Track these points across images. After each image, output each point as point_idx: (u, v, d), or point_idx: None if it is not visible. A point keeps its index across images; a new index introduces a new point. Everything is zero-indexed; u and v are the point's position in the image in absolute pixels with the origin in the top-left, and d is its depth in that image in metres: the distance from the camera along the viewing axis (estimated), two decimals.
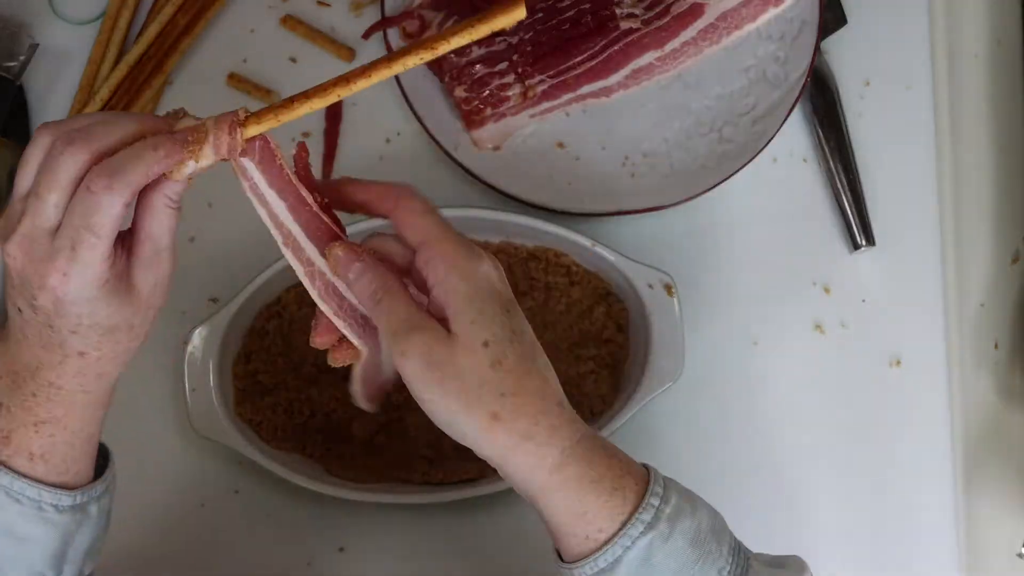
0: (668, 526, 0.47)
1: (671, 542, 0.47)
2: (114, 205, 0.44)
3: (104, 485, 0.53)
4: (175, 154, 0.45)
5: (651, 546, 0.47)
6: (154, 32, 0.76)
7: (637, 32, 0.74)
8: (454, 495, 0.68)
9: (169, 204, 0.47)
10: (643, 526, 0.47)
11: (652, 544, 0.47)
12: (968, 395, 0.76)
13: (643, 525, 0.47)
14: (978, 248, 0.78)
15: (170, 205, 0.47)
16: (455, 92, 0.74)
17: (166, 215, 0.47)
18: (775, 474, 0.73)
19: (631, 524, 0.47)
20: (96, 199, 0.43)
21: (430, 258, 0.47)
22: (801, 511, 0.72)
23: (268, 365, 0.71)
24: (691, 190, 0.73)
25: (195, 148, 0.46)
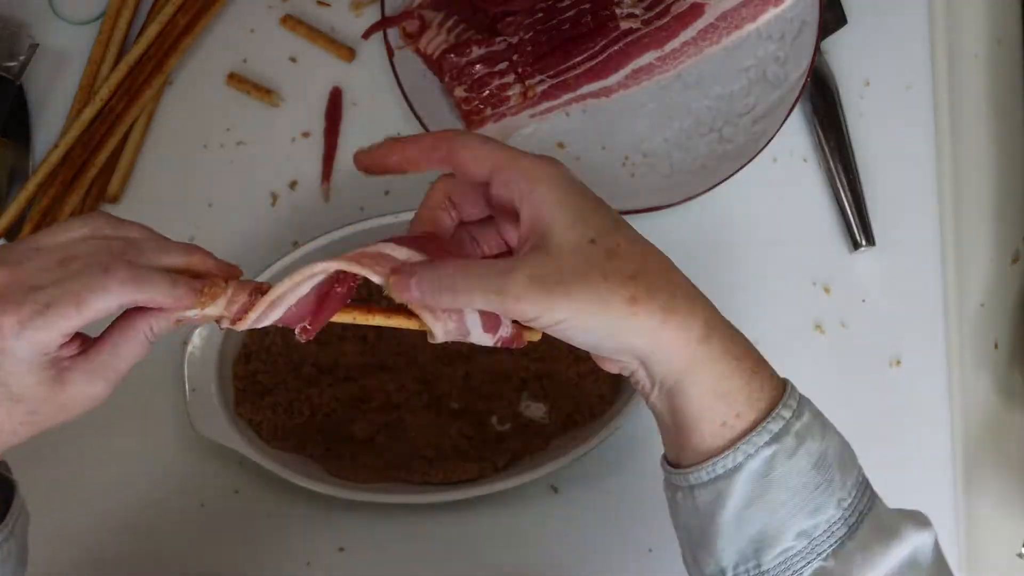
0: (796, 442, 0.45)
1: (795, 459, 0.45)
2: (114, 298, 0.43)
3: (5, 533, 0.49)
4: (186, 300, 0.45)
5: (774, 459, 0.45)
6: (154, 32, 0.76)
7: (637, 32, 0.74)
8: (454, 495, 0.68)
9: (148, 334, 0.46)
10: (769, 436, 0.45)
11: (776, 457, 0.45)
12: (968, 395, 0.76)
13: (769, 435, 0.45)
14: (978, 248, 0.78)
15: (147, 335, 0.46)
16: (455, 92, 0.74)
17: (137, 343, 0.46)
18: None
19: (757, 432, 0.45)
20: (105, 282, 0.43)
21: (507, 180, 0.44)
22: None
23: (268, 365, 0.71)
24: (691, 190, 0.73)
25: (205, 301, 0.45)
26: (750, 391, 0.45)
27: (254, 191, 0.77)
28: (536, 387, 0.71)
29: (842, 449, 0.48)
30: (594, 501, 0.72)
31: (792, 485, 0.45)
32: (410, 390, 0.70)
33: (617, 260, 0.43)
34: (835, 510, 0.46)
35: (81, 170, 0.75)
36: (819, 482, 0.45)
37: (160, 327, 0.46)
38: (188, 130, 0.78)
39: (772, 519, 0.45)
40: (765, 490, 0.45)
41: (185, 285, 0.45)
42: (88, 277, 0.43)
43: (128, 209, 0.77)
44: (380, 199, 0.76)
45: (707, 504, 0.46)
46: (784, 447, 0.45)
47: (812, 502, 0.45)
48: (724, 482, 0.45)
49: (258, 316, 0.45)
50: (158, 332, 0.46)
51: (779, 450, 0.45)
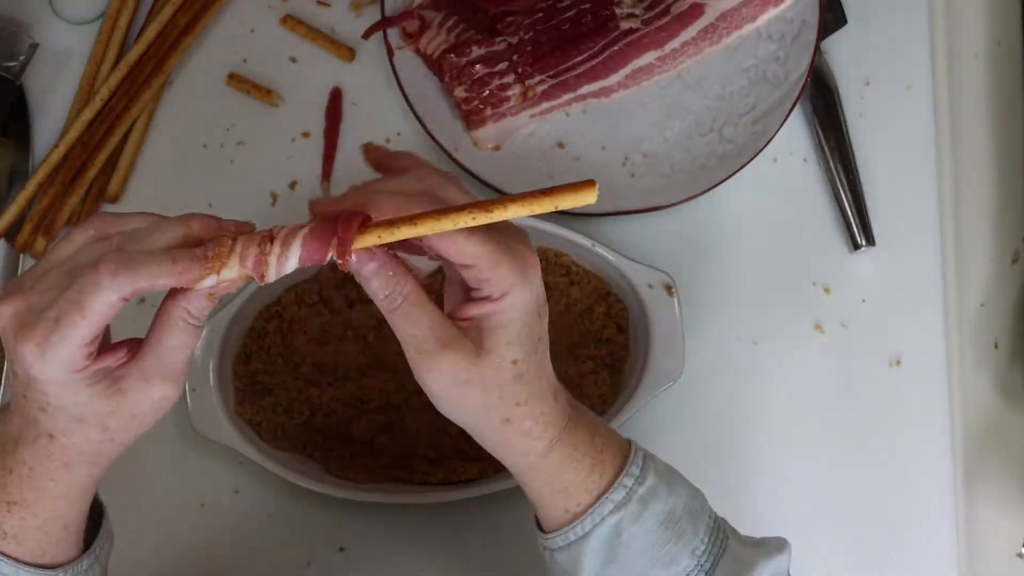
0: (640, 506, 0.49)
1: (641, 522, 0.49)
2: (110, 291, 0.41)
3: (92, 559, 0.51)
4: (191, 271, 0.43)
5: (620, 524, 0.49)
6: (154, 32, 0.76)
7: (637, 32, 0.74)
8: (454, 495, 0.68)
9: (186, 318, 0.44)
10: (612, 505, 0.49)
11: (621, 522, 0.49)
12: (968, 395, 0.76)
13: (612, 504, 0.49)
14: (978, 248, 0.78)
15: (188, 319, 0.44)
16: (455, 92, 0.74)
17: (180, 329, 0.44)
18: (775, 474, 0.73)
19: (601, 503, 0.49)
20: (96, 279, 0.41)
21: (487, 279, 0.45)
22: (801, 511, 0.72)
23: (268, 365, 0.71)
24: (691, 190, 0.73)
25: (215, 264, 0.43)
26: (590, 484, 0.50)
27: (254, 191, 0.77)
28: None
29: (690, 500, 0.52)
30: None
31: (642, 545, 0.50)
32: (410, 390, 0.70)
33: (519, 384, 0.47)
34: (689, 559, 0.50)
35: (81, 170, 0.75)
36: (669, 537, 0.50)
37: (196, 307, 0.44)
38: (188, 130, 0.78)
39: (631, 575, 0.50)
40: (617, 552, 0.50)
41: (184, 257, 0.42)
42: (82, 279, 0.42)
43: (128, 209, 0.76)
44: None
45: (569, 566, 0.51)
46: (629, 512, 0.49)
47: (666, 556, 0.50)
48: (577, 547, 0.50)
49: (277, 262, 0.43)
50: (197, 313, 0.45)
51: (624, 516, 0.49)
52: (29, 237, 0.75)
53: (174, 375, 0.46)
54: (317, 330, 0.71)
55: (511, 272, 0.45)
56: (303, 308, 0.71)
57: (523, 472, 0.50)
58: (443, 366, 0.46)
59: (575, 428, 0.50)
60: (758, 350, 0.75)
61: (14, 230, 0.75)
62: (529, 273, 0.46)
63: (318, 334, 0.71)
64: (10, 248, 0.75)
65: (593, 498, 0.50)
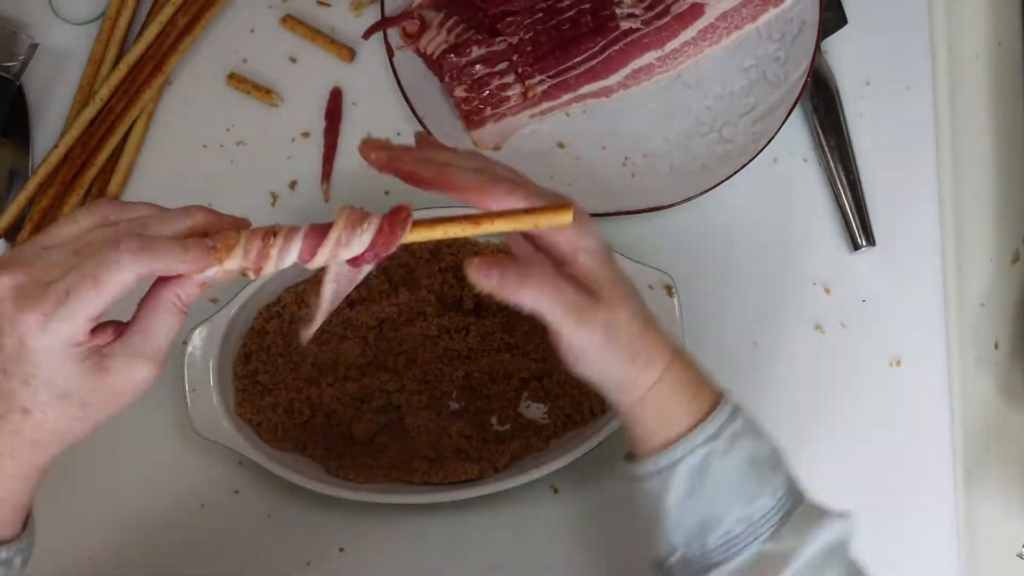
0: (728, 442, 0.52)
1: (729, 457, 0.52)
2: (129, 271, 0.43)
3: (29, 538, 0.51)
4: (202, 260, 0.45)
5: (709, 456, 0.52)
6: (154, 32, 0.76)
7: (637, 32, 0.74)
8: (454, 495, 0.68)
9: (176, 303, 0.46)
10: (704, 437, 0.52)
11: (711, 454, 0.52)
12: (968, 395, 0.76)
13: (704, 436, 0.52)
14: (978, 248, 0.78)
15: (177, 304, 0.46)
16: (455, 92, 0.74)
17: (170, 312, 0.46)
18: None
19: (695, 433, 0.52)
20: (117, 256, 0.43)
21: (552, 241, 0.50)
22: None
23: (268, 365, 0.71)
24: (691, 190, 0.73)
25: (221, 256, 0.45)
26: (689, 413, 0.53)
27: (254, 191, 0.77)
28: (536, 387, 0.71)
29: (773, 451, 0.55)
30: (594, 501, 0.72)
31: (727, 478, 0.52)
32: (410, 390, 0.70)
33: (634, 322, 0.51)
34: (770, 499, 0.53)
35: (81, 170, 0.75)
36: (752, 476, 0.53)
37: (188, 293, 0.46)
38: (188, 130, 0.78)
39: (713, 506, 0.52)
40: (704, 482, 0.52)
41: (197, 245, 0.45)
42: (100, 256, 0.43)
43: None
44: (380, 199, 0.76)
45: (654, 492, 0.53)
46: (719, 446, 0.52)
47: (747, 493, 0.53)
48: (668, 473, 0.52)
49: (278, 255, 0.46)
50: (186, 299, 0.47)
51: (714, 448, 0.52)
52: (29, 237, 0.75)
53: (157, 357, 0.47)
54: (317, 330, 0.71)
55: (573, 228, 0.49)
56: (303, 308, 0.71)
57: (635, 401, 0.52)
58: (596, 327, 0.49)
59: (682, 359, 0.54)
60: (758, 350, 0.75)
61: (14, 230, 0.75)
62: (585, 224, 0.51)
63: (318, 334, 0.71)
64: (10, 248, 0.75)
65: (688, 427, 0.52)
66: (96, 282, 0.43)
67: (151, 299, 0.47)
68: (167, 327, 0.47)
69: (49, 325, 0.43)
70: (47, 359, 0.44)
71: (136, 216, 0.47)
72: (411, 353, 0.71)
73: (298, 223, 0.75)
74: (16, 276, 0.44)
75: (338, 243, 0.46)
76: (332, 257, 0.46)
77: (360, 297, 0.72)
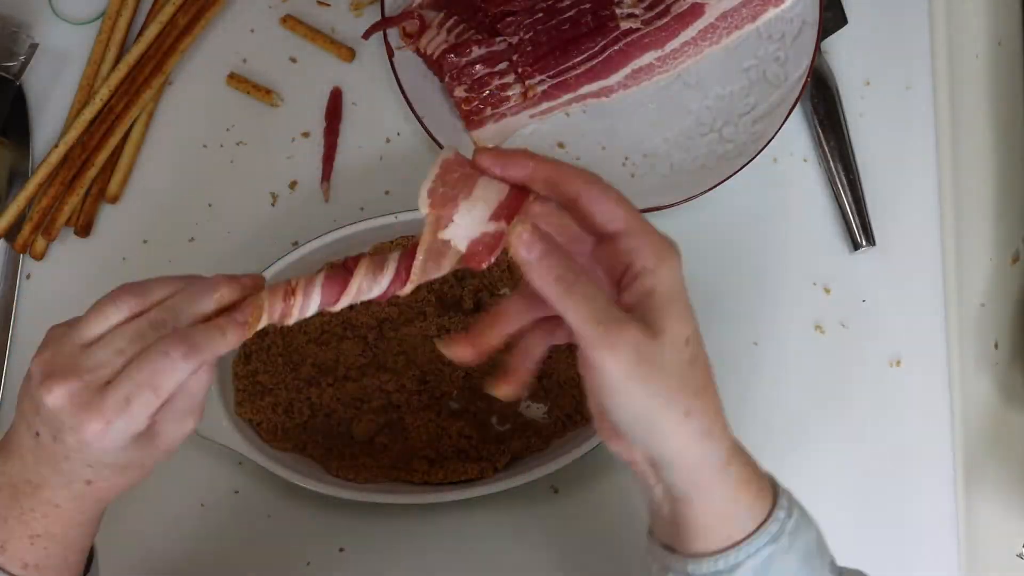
0: (789, 540, 0.48)
1: (788, 555, 0.48)
2: (183, 372, 0.46)
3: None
4: (239, 338, 0.48)
5: (772, 557, 0.48)
6: (154, 32, 0.76)
7: (637, 32, 0.74)
8: (454, 495, 0.68)
9: (209, 364, 0.48)
10: (768, 537, 0.48)
11: (773, 555, 0.48)
12: (968, 395, 0.76)
13: (768, 536, 0.48)
14: (978, 248, 0.78)
15: (209, 363, 0.48)
16: (455, 92, 0.74)
17: (204, 371, 0.48)
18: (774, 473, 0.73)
19: (759, 534, 0.48)
20: (171, 363, 0.45)
21: (637, 247, 0.45)
22: None
23: (268, 365, 0.71)
24: (691, 190, 0.73)
25: (253, 323, 0.48)
26: (754, 511, 0.48)
27: (254, 191, 0.77)
28: (536, 387, 0.71)
29: (818, 535, 0.52)
30: (594, 501, 0.72)
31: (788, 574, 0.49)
32: (410, 390, 0.70)
33: (695, 369, 0.45)
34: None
35: (81, 170, 0.75)
36: (806, 569, 0.49)
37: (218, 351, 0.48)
38: (188, 130, 0.78)
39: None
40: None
41: (232, 328, 0.47)
42: (153, 363, 0.45)
43: (128, 209, 0.77)
44: (380, 199, 0.76)
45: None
46: (780, 546, 0.48)
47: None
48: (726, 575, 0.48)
49: (299, 310, 0.48)
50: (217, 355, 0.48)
51: (776, 549, 0.48)
52: (29, 237, 0.75)
53: (199, 409, 0.50)
54: (317, 330, 0.71)
55: (661, 239, 0.45)
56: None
57: (697, 487, 0.47)
58: (625, 342, 0.43)
59: (741, 449, 0.49)
60: (758, 350, 0.75)
61: (14, 230, 0.75)
62: (670, 242, 0.46)
63: (318, 334, 0.71)
64: (10, 248, 0.75)
65: (755, 525, 0.48)
66: (154, 387, 0.46)
67: None
68: (203, 384, 0.49)
69: (111, 430, 0.46)
70: (110, 455, 0.47)
71: (161, 299, 0.48)
72: (411, 353, 0.71)
73: (298, 223, 0.75)
74: (69, 384, 0.45)
75: (359, 291, 0.48)
76: (353, 302, 0.48)
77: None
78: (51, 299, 0.75)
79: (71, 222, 0.76)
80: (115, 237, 0.76)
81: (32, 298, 0.75)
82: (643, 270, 0.45)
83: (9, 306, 0.75)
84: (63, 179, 0.75)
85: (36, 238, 0.75)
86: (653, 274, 0.45)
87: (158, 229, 0.76)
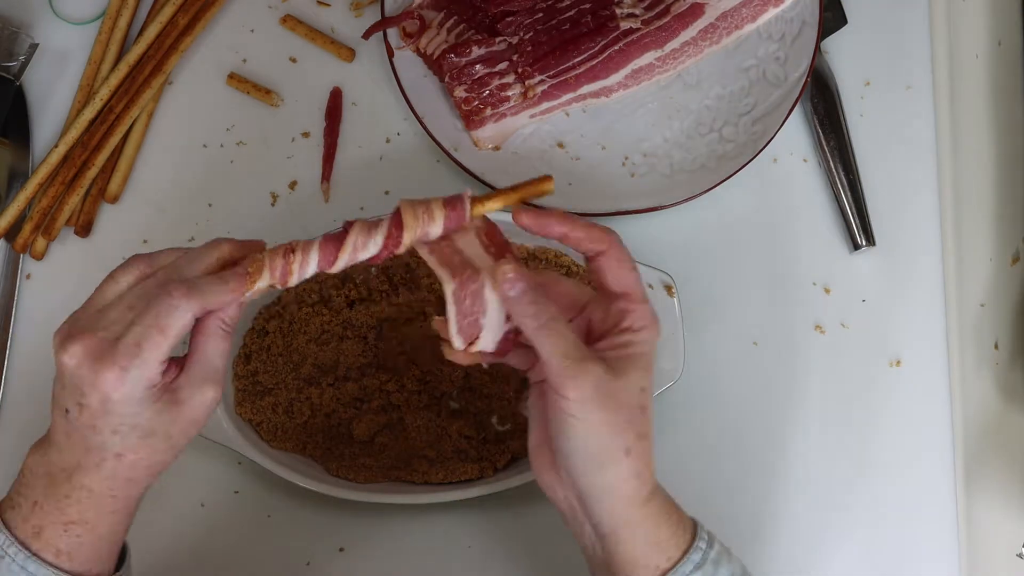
0: (713, 568, 0.53)
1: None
2: (186, 313, 0.49)
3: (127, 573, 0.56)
4: (241, 287, 0.51)
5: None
6: (154, 32, 0.76)
7: (637, 32, 0.74)
8: (454, 495, 0.68)
9: (223, 327, 0.51)
10: (692, 565, 0.52)
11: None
12: (968, 395, 0.76)
13: (692, 564, 0.52)
14: (978, 248, 0.78)
15: (224, 328, 0.51)
16: (455, 92, 0.74)
17: (219, 336, 0.51)
18: (775, 474, 0.73)
19: (684, 562, 0.52)
20: (173, 303, 0.48)
21: (634, 311, 0.52)
22: (800, 510, 0.72)
23: (268, 365, 0.71)
24: (691, 190, 0.73)
25: (254, 278, 0.51)
26: (678, 540, 0.53)
27: (254, 191, 0.77)
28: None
29: (744, 572, 0.56)
30: None
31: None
32: (410, 390, 0.70)
33: (643, 416, 0.51)
34: None
35: (81, 170, 0.75)
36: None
37: (230, 315, 0.52)
38: (188, 130, 0.78)
39: None
40: None
41: (233, 277, 0.50)
42: (157, 306, 0.48)
43: (128, 209, 0.77)
44: (380, 199, 0.76)
45: None
46: (705, 573, 0.53)
47: None
48: None
49: (300, 267, 0.51)
50: (230, 321, 0.52)
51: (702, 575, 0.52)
52: (29, 237, 0.75)
53: (217, 377, 0.52)
54: (317, 330, 0.71)
55: (653, 311, 0.53)
56: (303, 308, 0.71)
57: (623, 523, 0.52)
58: (588, 373, 0.49)
59: (660, 488, 0.54)
60: (758, 350, 0.75)
61: (14, 230, 0.75)
62: (658, 320, 0.53)
63: (318, 334, 0.71)
64: (10, 248, 0.75)
65: (680, 553, 0.52)
66: (161, 329, 0.48)
67: (200, 329, 0.51)
68: (220, 350, 0.51)
69: (127, 376, 0.48)
70: (130, 407, 0.49)
71: (168, 262, 0.52)
72: (411, 353, 0.71)
73: (298, 223, 0.75)
74: (84, 341, 0.48)
75: (355, 248, 0.51)
76: (350, 261, 0.51)
77: (360, 297, 0.72)
78: (51, 299, 0.74)
79: (71, 222, 0.76)
80: (115, 237, 0.76)
81: (32, 298, 0.75)
82: (630, 329, 0.52)
83: (9, 306, 0.75)
84: (63, 179, 0.75)
85: (36, 238, 0.75)
86: (637, 334, 0.52)
87: (158, 229, 0.76)
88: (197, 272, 0.51)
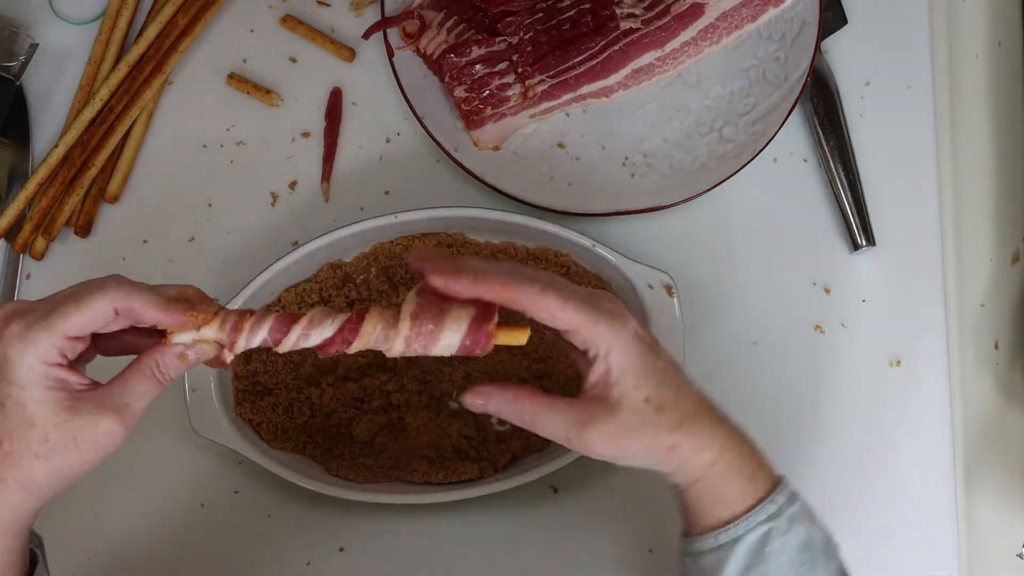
0: (787, 523, 0.53)
1: (786, 537, 0.53)
2: (108, 296, 0.47)
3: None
4: (177, 313, 0.49)
5: (769, 534, 0.53)
6: (154, 32, 0.76)
7: (637, 32, 0.74)
8: (454, 495, 0.68)
9: (154, 369, 0.50)
10: (766, 515, 0.53)
11: (770, 533, 0.53)
12: (968, 395, 0.76)
13: (766, 514, 0.53)
14: (978, 248, 0.78)
15: (154, 370, 0.50)
16: (455, 92, 0.74)
17: (145, 376, 0.50)
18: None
19: (756, 511, 0.53)
20: (101, 283, 0.48)
21: (588, 339, 0.52)
22: None
23: (268, 365, 0.71)
24: (691, 190, 0.73)
25: (199, 318, 0.49)
26: (746, 494, 0.54)
27: (254, 191, 0.77)
28: (536, 387, 0.71)
29: (828, 540, 0.56)
30: (594, 501, 0.72)
31: (782, 560, 0.53)
32: (410, 390, 0.70)
33: (664, 414, 0.52)
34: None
35: (81, 170, 0.75)
36: (806, 560, 0.54)
37: (166, 363, 0.50)
38: (188, 130, 0.78)
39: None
40: (760, 561, 0.53)
41: (175, 301, 0.49)
42: (82, 287, 0.48)
43: (128, 209, 0.77)
44: (380, 199, 0.76)
45: (710, 568, 0.54)
46: (778, 526, 0.53)
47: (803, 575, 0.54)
48: (726, 550, 0.53)
49: (249, 332, 0.50)
50: (164, 369, 0.50)
51: (774, 527, 0.53)
52: (29, 237, 0.75)
53: (125, 416, 0.49)
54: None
55: (607, 327, 0.51)
56: (303, 308, 0.71)
57: (688, 481, 0.54)
58: (593, 440, 0.51)
59: (738, 442, 0.54)
60: (758, 350, 0.75)
61: (14, 230, 0.75)
62: (620, 323, 0.52)
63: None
64: (10, 248, 0.75)
65: (747, 507, 0.53)
66: (77, 301, 0.47)
67: (135, 362, 0.50)
68: (142, 389, 0.49)
69: (28, 334, 0.47)
70: (23, 373, 0.47)
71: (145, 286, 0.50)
72: None
73: (298, 223, 0.75)
74: (13, 305, 0.49)
75: (300, 336, 0.51)
76: (296, 346, 0.51)
77: (360, 297, 0.72)
78: None
79: (71, 222, 0.76)
80: (115, 237, 0.76)
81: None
82: (597, 356, 0.52)
83: None
84: (63, 179, 0.75)
85: (36, 238, 0.75)
86: (605, 359, 0.52)
87: (158, 229, 0.76)
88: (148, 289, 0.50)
